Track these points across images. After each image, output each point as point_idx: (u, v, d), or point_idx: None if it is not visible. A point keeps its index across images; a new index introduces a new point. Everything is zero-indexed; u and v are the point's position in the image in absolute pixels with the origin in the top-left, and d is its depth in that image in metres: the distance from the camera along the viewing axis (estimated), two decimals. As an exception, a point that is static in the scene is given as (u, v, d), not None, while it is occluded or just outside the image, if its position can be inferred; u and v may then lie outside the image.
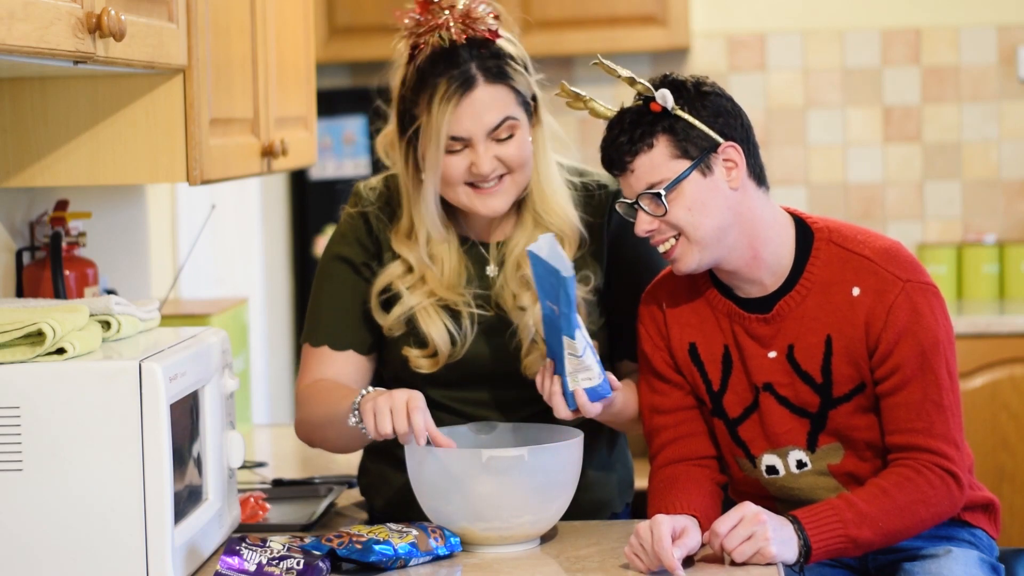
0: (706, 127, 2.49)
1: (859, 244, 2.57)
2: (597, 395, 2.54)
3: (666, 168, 2.49)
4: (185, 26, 2.63)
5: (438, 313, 2.70)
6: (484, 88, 2.62)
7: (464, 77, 2.61)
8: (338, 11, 5.36)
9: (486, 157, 2.62)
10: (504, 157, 2.64)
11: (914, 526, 2.50)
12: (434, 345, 2.69)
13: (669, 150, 2.49)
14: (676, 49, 5.34)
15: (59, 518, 2.22)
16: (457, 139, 2.62)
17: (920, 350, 2.51)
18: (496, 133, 2.63)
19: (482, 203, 2.66)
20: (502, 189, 2.66)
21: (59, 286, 2.90)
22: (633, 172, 2.51)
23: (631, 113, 2.52)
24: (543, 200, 2.72)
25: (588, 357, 2.52)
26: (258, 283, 5.08)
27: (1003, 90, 5.41)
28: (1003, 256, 5.27)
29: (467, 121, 2.61)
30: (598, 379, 2.53)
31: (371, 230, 2.76)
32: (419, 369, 2.71)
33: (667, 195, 2.48)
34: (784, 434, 2.58)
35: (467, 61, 2.62)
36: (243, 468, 3.23)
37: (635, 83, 2.52)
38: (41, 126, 2.70)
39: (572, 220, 2.72)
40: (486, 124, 2.62)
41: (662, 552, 2.34)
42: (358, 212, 2.78)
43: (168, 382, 2.24)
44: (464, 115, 2.61)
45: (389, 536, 2.43)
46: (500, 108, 2.63)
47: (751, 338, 2.58)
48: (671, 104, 2.48)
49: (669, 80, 2.53)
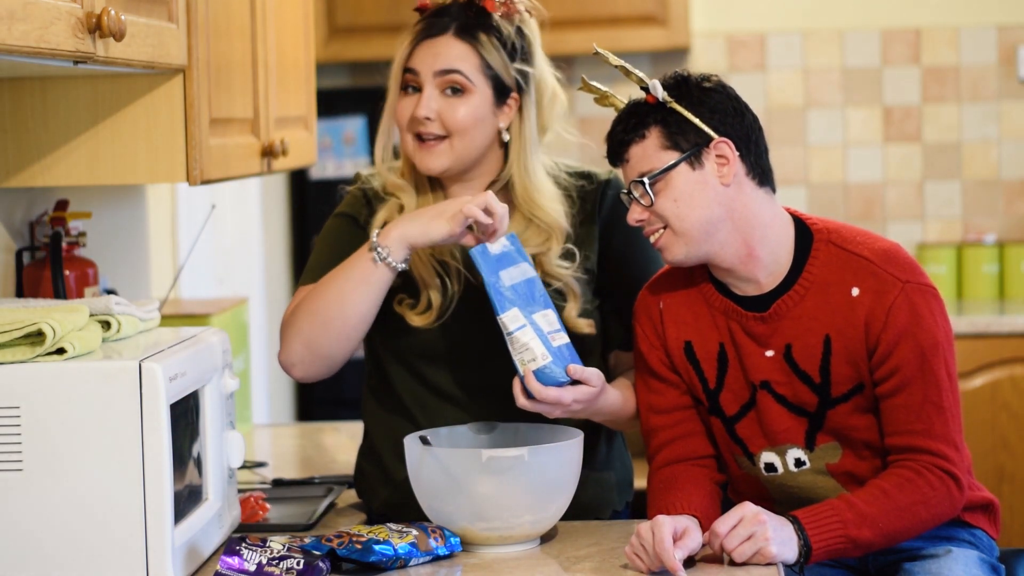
0: (700, 121, 2.51)
1: (858, 245, 2.57)
2: (548, 378, 2.54)
3: (656, 158, 2.52)
4: (185, 26, 2.63)
5: (430, 260, 2.74)
6: (451, 38, 2.72)
7: (438, 25, 2.72)
8: (338, 11, 5.36)
9: (427, 101, 2.70)
10: (444, 114, 2.70)
11: (914, 527, 2.50)
12: (427, 293, 2.73)
13: (660, 141, 2.52)
14: (676, 49, 5.34)
15: (59, 518, 2.22)
16: (410, 72, 2.72)
17: (920, 351, 2.51)
18: (442, 81, 2.71)
19: (420, 157, 2.74)
20: (440, 150, 2.72)
21: (59, 286, 2.90)
22: (628, 162, 2.55)
23: (630, 104, 2.57)
24: (527, 196, 2.75)
25: (524, 335, 2.55)
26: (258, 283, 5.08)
27: (1003, 90, 5.41)
28: (1003, 256, 5.27)
29: (421, 56, 2.71)
30: (542, 360, 2.54)
31: (369, 202, 2.82)
32: (412, 324, 2.73)
33: (653, 185, 2.51)
34: (782, 432, 2.58)
35: (449, 15, 2.73)
36: (243, 468, 3.23)
37: (629, 73, 2.56)
38: (41, 126, 2.70)
39: (558, 217, 2.75)
40: (436, 65, 2.70)
41: (663, 553, 2.34)
42: (358, 188, 2.85)
43: (168, 382, 2.24)
44: (420, 51, 2.72)
45: (389, 536, 2.43)
46: (457, 59, 2.71)
47: (748, 336, 2.58)
48: (662, 95, 2.51)
49: (673, 74, 2.56)
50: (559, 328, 2.59)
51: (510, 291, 2.57)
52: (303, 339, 2.69)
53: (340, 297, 2.66)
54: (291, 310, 2.74)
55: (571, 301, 2.73)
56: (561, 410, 2.56)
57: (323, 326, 2.67)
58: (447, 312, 2.73)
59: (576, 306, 2.73)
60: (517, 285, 2.59)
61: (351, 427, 3.72)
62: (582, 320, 2.73)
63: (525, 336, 2.55)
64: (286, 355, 2.72)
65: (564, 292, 2.73)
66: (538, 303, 2.59)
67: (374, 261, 2.62)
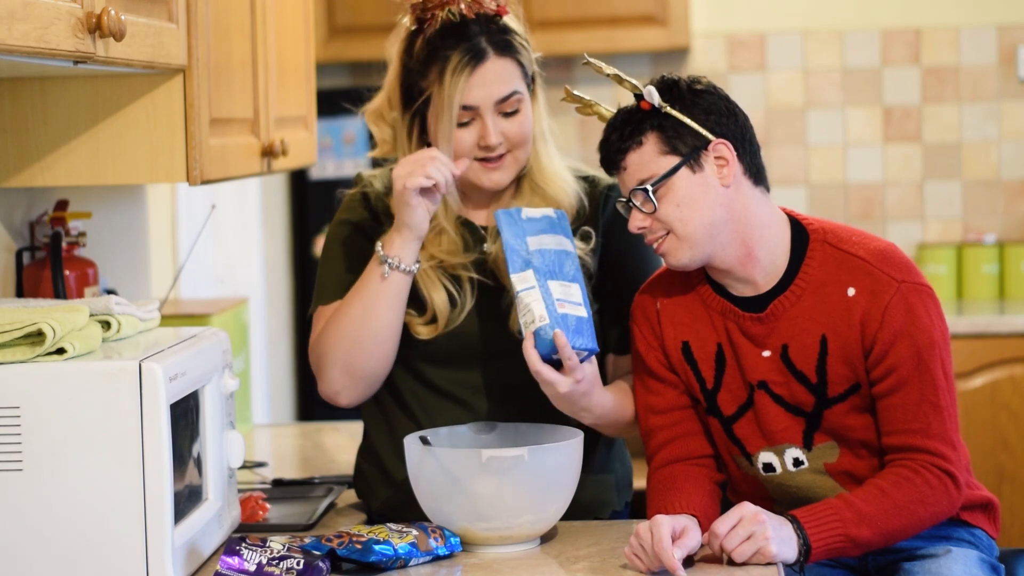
0: (696, 124, 2.51)
1: (854, 245, 2.57)
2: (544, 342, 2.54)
3: (655, 164, 2.51)
4: (185, 26, 2.63)
5: (439, 276, 2.74)
6: (494, 60, 2.69)
7: (475, 50, 2.68)
8: (338, 11, 5.36)
9: (494, 129, 2.69)
10: (508, 133, 2.71)
11: (912, 526, 2.50)
12: (433, 308, 2.72)
13: (658, 147, 2.51)
14: (676, 49, 5.34)
15: (59, 518, 2.22)
16: (467, 109, 2.68)
17: (916, 351, 2.51)
18: (503, 106, 2.70)
19: (487, 176, 2.73)
20: (504, 165, 2.73)
21: (59, 286, 2.90)
22: (626, 170, 2.54)
23: (623, 112, 2.56)
24: (541, 171, 2.78)
25: (528, 296, 2.56)
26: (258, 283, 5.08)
27: (1003, 90, 5.41)
28: (1003, 256, 5.27)
29: (477, 91, 2.68)
30: (539, 322, 2.55)
31: (370, 206, 2.81)
32: (418, 336, 2.72)
33: (656, 191, 2.50)
34: (780, 432, 2.58)
35: (477, 35, 2.69)
36: (243, 468, 3.23)
37: (622, 81, 2.56)
38: (41, 126, 2.70)
39: (570, 188, 2.78)
40: (495, 95, 2.69)
41: (662, 553, 2.34)
42: (358, 192, 2.84)
43: (168, 382, 2.24)
44: (475, 85, 2.68)
45: (389, 536, 2.43)
46: (508, 81, 2.70)
47: (745, 336, 2.58)
48: (658, 101, 2.51)
49: (662, 79, 2.55)
50: (579, 303, 2.59)
51: (534, 255, 2.59)
52: (340, 365, 2.71)
53: (365, 315, 2.68)
54: (317, 337, 2.75)
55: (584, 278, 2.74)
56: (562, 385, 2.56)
57: (357, 347, 2.69)
58: (455, 323, 2.73)
59: (588, 286, 2.74)
60: (546, 251, 2.61)
61: (351, 427, 3.72)
62: None
63: (529, 297, 2.56)
64: (327, 385, 2.73)
65: None
66: (564, 275, 2.60)
67: (385, 274, 2.65)
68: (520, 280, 2.58)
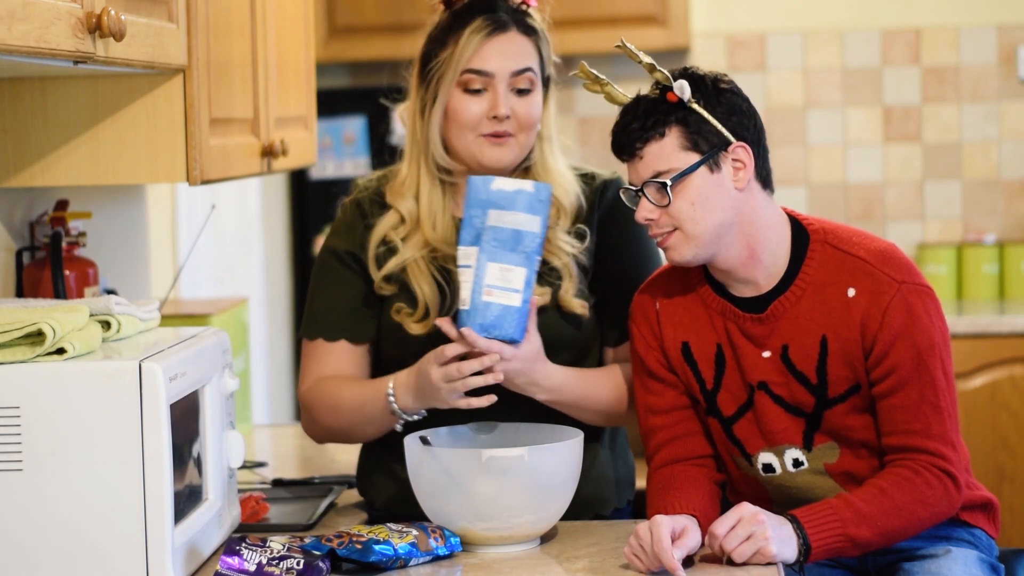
0: (719, 124, 2.50)
1: (854, 245, 2.57)
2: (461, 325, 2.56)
3: (675, 159, 2.50)
4: (185, 26, 2.63)
5: (429, 268, 2.74)
6: (515, 34, 2.72)
7: (499, 20, 2.72)
8: (338, 11, 5.36)
9: (505, 101, 2.69)
10: (517, 111, 2.71)
11: (912, 526, 2.50)
12: (424, 301, 2.72)
13: (680, 141, 2.50)
14: (676, 49, 5.34)
15: (59, 518, 2.22)
16: (480, 73, 2.69)
17: (916, 352, 2.51)
18: (517, 80, 2.71)
19: (489, 152, 2.72)
20: (507, 144, 2.72)
21: (59, 286, 2.90)
22: (642, 159, 2.52)
23: (647, 101, 2.53)
24: (546, 170, 2.78)
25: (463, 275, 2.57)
26: (258, 283, 5.08)
27: (1003, 90, 5.41)
28: (1003, 256, 5.27)
29: (495, 57, 2.70)
30: (462, 306, 2.57)
31: (363, 214, 2.80)
32: (412, 333, 2.73)
33: (673, 186, 2.49)
34: (780, 432, 2.58)
35: (503, 11, 2.72)
36: (243, 468, 3.23)
37: (655, 70, 2.53)
38: (41, 126, 2.70)
39: (572, 189, 2.78)
40: (511, 66, 2.70)
41: (662, 553, 2.34)
42: (352, 200, 2.84)
43: (168, 382, 2.24)
44: (493, 50, 2.70)
45: (389, 536, 2.43)
46: (526, 57, 2.72)
47: (745, 337, 2.58)
48: (688, 96, 2.49)
49: (688, 73, 2.53)
50: (515, 289, 2.57)
51: (487, 231, 2.57)
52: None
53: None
54: (308, 390, 2.79)
55: (566, 280, 2.73)
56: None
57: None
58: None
59: (572, 286, 2.74)
60: (500, 229, 2.58)
61: (351, 427, 3.71)
62: (576, 300, 2.73)
63: (463, 276, 2.57)
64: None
65: (561, 272, 2.73)
66: (513, 258, 2.57)
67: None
68: (464, 255, 2.58)
